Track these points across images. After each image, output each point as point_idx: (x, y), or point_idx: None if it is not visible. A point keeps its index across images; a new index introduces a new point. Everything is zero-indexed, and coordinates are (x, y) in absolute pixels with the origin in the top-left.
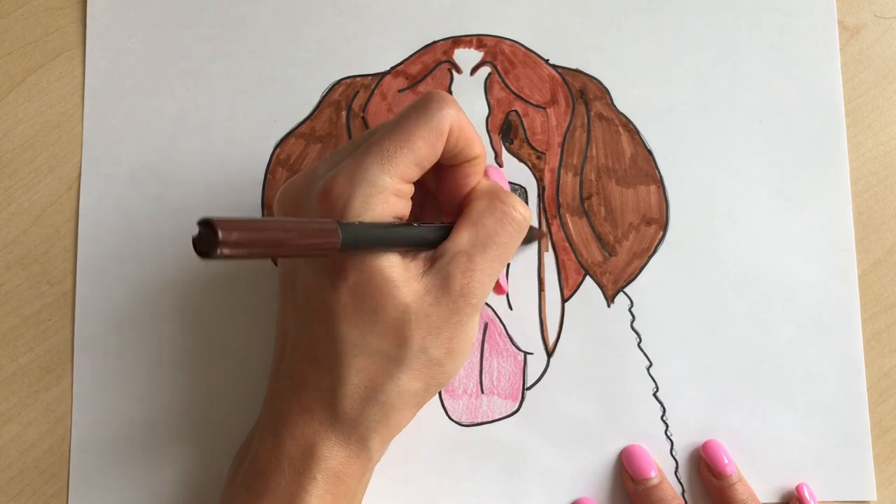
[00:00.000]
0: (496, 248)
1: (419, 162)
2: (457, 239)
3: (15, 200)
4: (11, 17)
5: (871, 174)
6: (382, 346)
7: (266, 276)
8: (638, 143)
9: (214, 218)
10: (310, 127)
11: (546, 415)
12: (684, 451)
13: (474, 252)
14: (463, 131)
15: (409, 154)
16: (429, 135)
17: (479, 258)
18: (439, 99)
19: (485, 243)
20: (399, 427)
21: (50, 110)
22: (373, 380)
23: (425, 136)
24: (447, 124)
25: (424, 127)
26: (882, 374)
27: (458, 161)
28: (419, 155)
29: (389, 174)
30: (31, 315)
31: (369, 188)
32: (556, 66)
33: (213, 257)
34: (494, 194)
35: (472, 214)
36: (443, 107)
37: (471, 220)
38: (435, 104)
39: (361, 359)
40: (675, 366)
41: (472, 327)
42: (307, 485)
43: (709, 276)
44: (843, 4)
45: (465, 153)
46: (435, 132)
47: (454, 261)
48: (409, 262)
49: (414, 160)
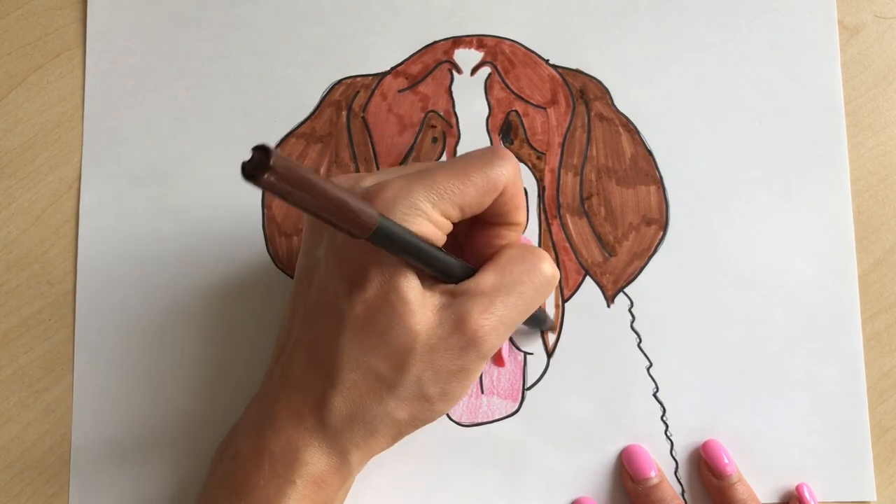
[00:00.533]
0: (519, 297)
1: (464, 206)
2: (481, 279)
3: (15, 200)
4: (11, 17)
5: (870, 174)
6: (380, 367)
7: (266, 276)
8: (638, 143)
9: (271, 147)
10: (310, 127)
11: (546, 415)
12: (684, 451)
13: (496, 296)
14: (515, 196)
15: (458, 195)
16: (484, 184)
17: (500, 303)
18: (506, 155)
19: (509, 290)
20: (377, 450)
21: (50, 110)
22: (362, 398)
23: (480, 184)
24: (504, 181)
25: (482, 176)
26: (882, 374)
27: (498, 221)
28: (467, 200)
29: (434, 204)
30: (31, 315)
31: (410, 209)
32: (557, 67)
33: (259, 183)
34: (527, 248)
35: (502, 260)
36: (506, 164)
37: (499, 264)
38: (499, 159)
39: (357, 374)
40: (675, 366)
41: (473, 374)
42: (286, 488)
43: (709, 276)
44: (843, 4)
45: (509, 216)
46: (490, 184)
47: (474, 300)
48: (428, 290)
49: (461, 202)
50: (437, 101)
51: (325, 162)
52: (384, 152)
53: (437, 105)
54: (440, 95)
